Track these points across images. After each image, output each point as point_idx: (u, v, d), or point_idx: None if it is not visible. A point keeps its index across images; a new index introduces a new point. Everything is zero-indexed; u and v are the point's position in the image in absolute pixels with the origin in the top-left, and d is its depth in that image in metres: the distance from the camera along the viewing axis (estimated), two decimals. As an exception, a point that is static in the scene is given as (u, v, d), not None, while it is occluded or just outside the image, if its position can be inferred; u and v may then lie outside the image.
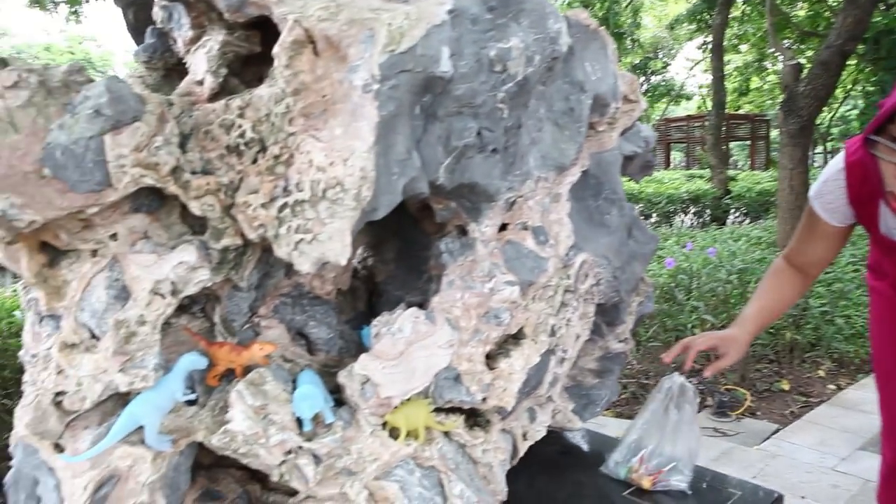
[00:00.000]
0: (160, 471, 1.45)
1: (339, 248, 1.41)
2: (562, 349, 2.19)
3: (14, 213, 1.22)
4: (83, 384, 1.40)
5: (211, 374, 1.60)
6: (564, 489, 2.50)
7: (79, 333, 1.41)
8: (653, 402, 2.58)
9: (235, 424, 1.46)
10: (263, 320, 1.70)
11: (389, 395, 1.58)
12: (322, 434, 1.55)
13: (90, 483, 1.40)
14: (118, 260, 1.43)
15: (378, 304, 2.15)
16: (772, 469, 4.02)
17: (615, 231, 2.37)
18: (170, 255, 1.44)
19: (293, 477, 1.52)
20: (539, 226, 2.00)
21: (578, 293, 2.22)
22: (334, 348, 1.78)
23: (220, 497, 1.79)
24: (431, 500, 1.70)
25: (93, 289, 1.41)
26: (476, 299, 1.81)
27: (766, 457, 4.18)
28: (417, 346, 1.62)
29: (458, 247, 1.82)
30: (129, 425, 1.43)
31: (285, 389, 1.54)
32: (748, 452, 4.29)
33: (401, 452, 1.65)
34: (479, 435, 1.91)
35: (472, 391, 1.80)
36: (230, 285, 1.62)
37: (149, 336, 1.43)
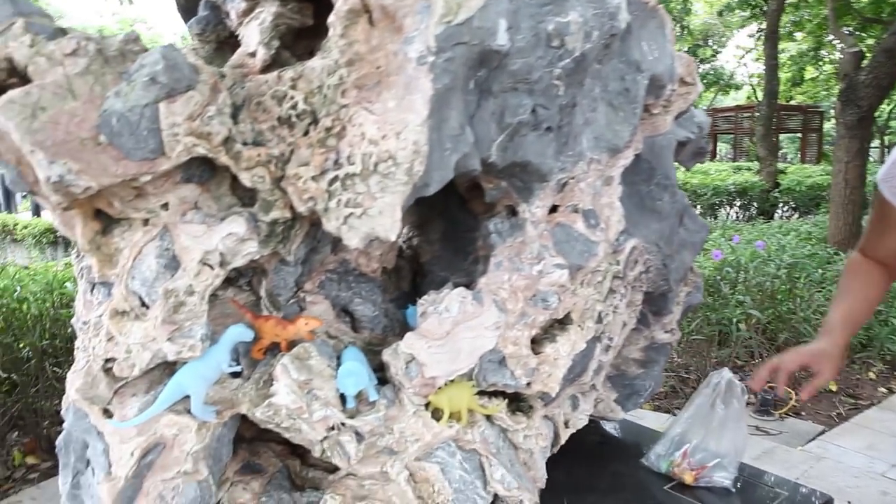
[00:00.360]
0: (204, 441, 1.46)
1: (388, 224, 1.39)
2: (608, 337, 2.16)
3: (71, 179, 1.24)
4: (132, 352, 1.42)
5: (256, 348, 1.61)
6: (603, 479, 2.47)
7: (129, 301, 1.42)
8: (699, 396, 2.53)
9: (279, 398, 1.47)
10: (309, 295, 1.70)
11: (434, 375, 1.57)
12: (365, 412, 1.54)
13: (137, 449, 1.42)
14: (169, 229, 1.44)
15: (422, 284, 2.13)
16: (816, 472, 3.91)
17: (666, 218, 2.31)
18: (219, 227, 1.44)
19: (335, 453, 1.52)
20: (590, 209, 1.96)
21: (627, 280, 2.18)
22: (378, 326, 1.77)
23: (261, 470, 1.81)
24: (472, 484, 1.69)
25: (144, 257, 1.42)
26: (524, 281, 1.79)
27: (811, 458, 4.08)
28: (464, 327, 1.60)
29: (507, 227, 1.79)
30: (175, 394, 1.44)
31: (330, 365, 1.54)
32: (791, 453, 4.18)
33: (443, 434, 1.64)
34: (522, 420, 1.89)
35: (516, 375, 1.78)
36: (277, 259, 1.63)
37: (197, 306, 1.44)
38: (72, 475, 1.61)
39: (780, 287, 4.98)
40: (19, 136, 1.19)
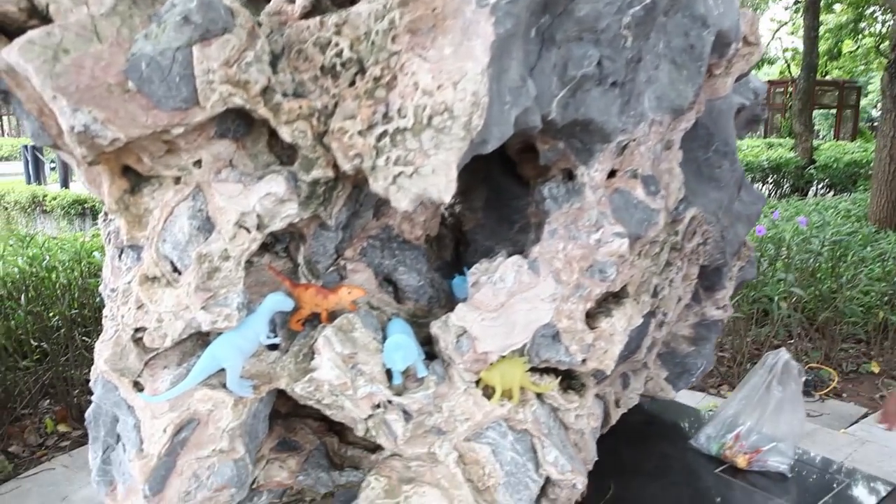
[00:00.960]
0: (241, 417, 1.35)
1: (442, 184, 1.25)
2: (662, 312, 2.01)
3: (97, 129, 1.11)
4: (164, 321, 1.30)
5: (294, 318, 1.49)
6: (650, 461, 2.34)
7: (160, 266, 1.30)
8: (754, 376, 2.38)
9: (322, 373, 1.34)
10: (350, 263, 1.57)
11: (487, 350, 1.44)
12: (413, 388, 1.42)
13: (170, 425, 1.31)
14: (202, 189, 1.32)
15: (465, 253, 2.00)
16: (861, 455, 3.74)
17: (725, 187, 2.15)
18: (256, 186, 1.31)
19: (380, 433, 1.40)
20: (650, 174, 1.80)
21: (684, 252, 2.02)
22: (424, 297, 1.64)
23: (297, 448, 1.70)
24: (524, 466, 1.57)
25: (175, 219, 1.30)
26: (580, 251, 1.64)
27: (855, 442, 3.91)
28: (519, 298, 1.46)
29: (563, 192, 1.64)
30: (210, 367, 1.33)
31: (375, 338, 1.42)
32: (834, 436, 4.02)
33: (494, 413, 1.51)
34: (574, 399, 1.76)
35: (571, 351, 1.64)
36: (317, 223, 1.50)
37: (232, 272, 1.32)
38: (102, 449, 1.51)
39: (821, 265, 4.77)
40: (40, 80, 1.06)
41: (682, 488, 2.18)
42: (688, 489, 2.17)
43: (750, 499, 2.14)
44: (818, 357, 4.78)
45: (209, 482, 1.33)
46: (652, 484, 2.19)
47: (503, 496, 1.50)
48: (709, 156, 2.14)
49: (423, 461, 1.46)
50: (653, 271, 1.89)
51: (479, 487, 1.49)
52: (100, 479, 1.48)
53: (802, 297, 4.56)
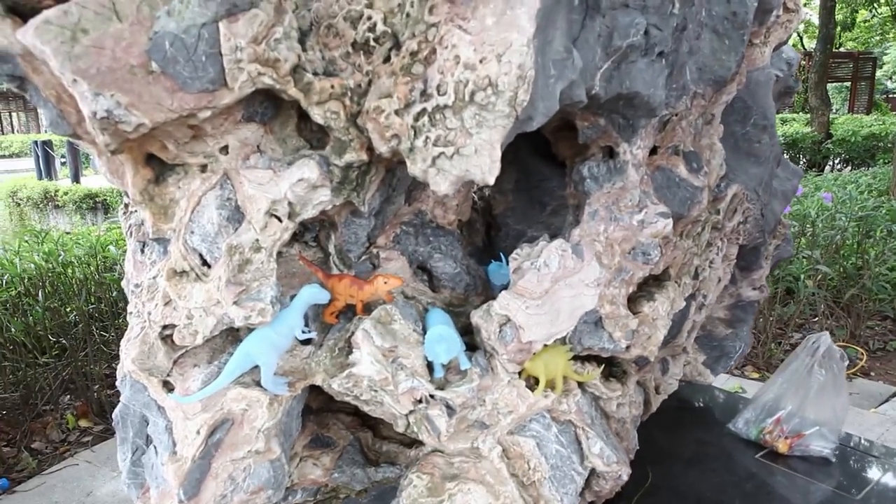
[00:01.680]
0: (276, 416, 1.28)
1: (486, 165, 1.17)
2: (703, 294, 1.92)
3: (121, 114, 1.03)
4: (194, 317, 1.23)
5: (328, 311, 1.41)
6: (688, 448, 2.26)
7: (189, 259, 1.22)
8: (795, 360, 2.29)
9: (362, 368, 1.27)
10: (383, 251, 1.49)
11: (531, 339, 1.36)
12: (455, 382, 1.34)
13: (203, 427, 1.24)
14: (230, 177, 1.23)
15: (497, 238, 1.91)
16: (893, 435, 3.66)
17: (765, 162, 2.05)
18: (287, 172, 1.23)
19: (422, 429, 1.33)
20: (691, 150, 1.71)
21: (724, 231, 1.93)
22: (460, 285, 1.56)
23: (331, 444, 1.63)
24: (569, 459, 1.49)
25: (203, 209, 1.22)
26: (622, 233, 1.55)
27: (887, 421, 3.82)
28: (563, 284, 1.38)
29: (604, 172, 1.55)
30: (243, 365, 1.25)
31: (416, 330, 1.34)
32: (864, 416, 3.93)
33: (538, 405, 1.43)
34: (616, 387, 1.68)
35: (615, 338, 1.56)
36: (349, 210, 1.41)
37: (265, 264, 1.24)
38: (131, 451, 1.45)
39: (845, 242, 4.66)
40: (59, 62, 0.98)
41: (722, 474, 2.10)
42: (728, 475, 2.09)
43: (792, 484, 2.07)
44: (844, 335, 4.69)
45: (245, 485, 1.26)
46: (691, 470, 2.11)
47: (549, 490, 1.43)
48: (747, 130, 2.04)
49: (467, 457, 1.38)
50: (694, 252, 1.80)
51: (524, 482, 1.42)
52: (130, 481, 1.41)
53: (828, 275, 4.46)
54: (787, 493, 1.99)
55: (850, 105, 14.07)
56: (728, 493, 1.99)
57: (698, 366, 2.19)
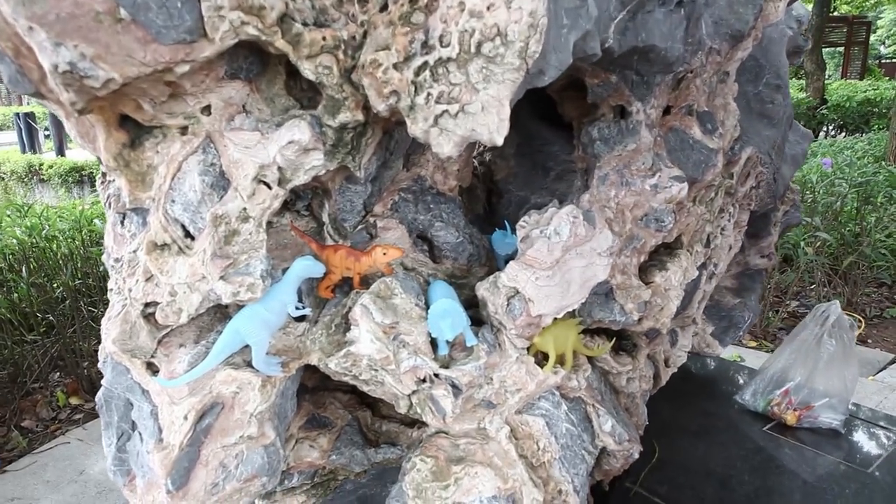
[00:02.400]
0: (269, 399, 1.18)
1: (494, 123, 1.06)
2: (713, 263, 1.83)
3: (86, 68, 0.91)
4: (178, 294, 1.12)
5: (323, 285, 1.31)
6: (694, 420, 2.20)
7: (170, 231, 1.11)
8: (803, 329, 2.21)
9: (361, 346, 1.17)
10: (380, 220, 1.38)
11: (541, 312, 1.26)
12: (460, 359, 1.25)
13: (191, 412, 1.14)
14: (213, 140, 1.12)
15: (498, 205, 1.81)
16: (892, 402, 3.63)
17: (778, 124, 1.94)
18: (276, 134, 1.11)
19: (426, 409, 1.24)
20: (706, 111, 1.60)
21: (737, 197, 1.83)
22: (463, 255, 1.45)
23: (328, 424, 1.54)
24: (579, 438, 1.41)
25: (184, 175, 1.11)
26: (633, 198, 1.45)
27: (885, 389, 3.79)
28: (575, 254, 1.28)
29: (614, 133, 1.44)
30: (232, 344, 1.15)
31: (418, 304, 1.24)
32: (863, 383, 3.89)
33: (547, 382, 1.34)
34: (626, 361, 1.60)
35: (627, 309, 1.47)
36: (343, 176, 1.30)
37: (253, 235, 1.13)
38: (116, 436, 1.35)
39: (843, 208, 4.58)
40: (10, 7, 0.86)
41: (729, 448, 2.03)
42: (736, 448, 2.03)
43: (801, 456, 2.00)
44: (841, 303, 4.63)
45: (238, 472, 1.17)
46: (699, 443, 2.05)
47: (559, 471, 1.35)
48: (759, 90, 1.93)
49: (473, 438, 1.30)
50: (706, 219, 1.70)
51: (532, 463, 1.34)
52: (116, 468, 1.32)
53: (827, 240, 4.39)
54: (796, 467, 1.93)
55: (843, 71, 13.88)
56: (737, 466, 1.92)
57: (706, 337, 2.11)
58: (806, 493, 1.77)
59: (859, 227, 4.64)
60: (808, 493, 1.78)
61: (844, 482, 1.84)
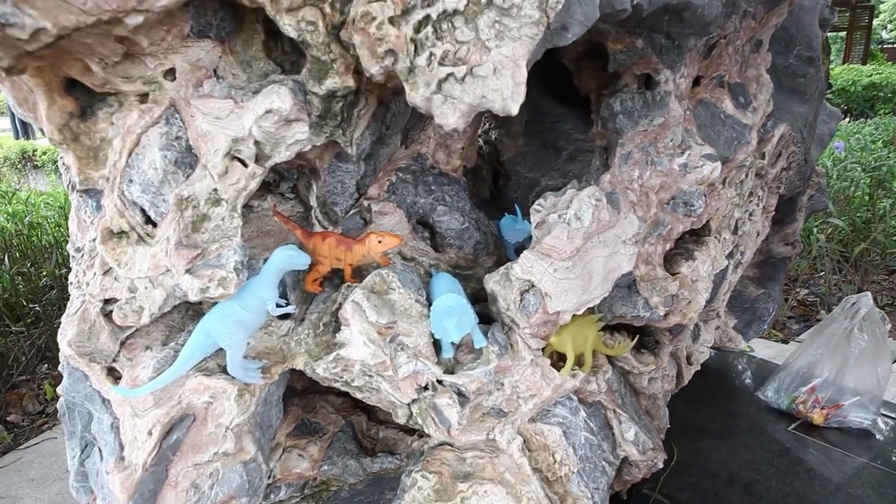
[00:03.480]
0: (248, 409, 1.02)
1: (508, 88, 0.88)
2: (741, 251, 1.67)
3: (9, 14, 0.73)
4: (138, 290, 0.95)
5: (310, 278, 1.14)
6: (714, 419, 2.04)
7: (127, 216, 0.94)
8: (832, 323, 2.05)
9: (353, 350, 1.00)
10: (375, 203, 1.21)
11: (559, 308, 1.09)
12: (468, 363, 1.08)
13: (156, 426, 0.97)
14: (178, 109, 0.94)
15: (506, 188, 1.63)
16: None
17: (810, 99, 1.76)
18: (252, 102, 0.94)
19: (428, 420, 1.07)
20: (738, 82, 1.43)
21: (767, 179, 1.66)
22: (468, 243, 1.28)
23: (319, 431, 1.38)
24: (598, 448, 1.25)
25: (143, 150, 0.93)
26: (660, 179, 1.28)
27: (902, 379, 3.62)
28: (597, 241, 1.11)
29: (639, 105, 1.27)
30: (204, 347, 0.98)
31: (419, 300, 1.07)
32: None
33: (564, 386, 1.18)
34: (649, 360, 1.43)
35: (652, 304, 1.30)
36: (333, 153, 1.13)
37: (226, 221, 0.96)
38: (80, 447, 1.18)
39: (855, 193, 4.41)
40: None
41: (753, 450, 1.88)
42: (761, 450, 1.87)
43: (829, 458, 1.85)
44: (852, 290, 4.47)
45: (213, 493, 1.00)
46: (720, 445, 1.89)
47: (577, 486, 1.19)
48: (790, 62, 1.75)
49: (481, 451, 1.13)
50: (735, 203, 1.53)
51: (548, 478, 1.17)
52: (79, 485, 1.15)
53: (839, 227, 4.23)
54: (826, 470, 1.77)
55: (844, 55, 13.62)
56: (762, 470, 1.77)
57: (728, 331, 1.94)
58: (840, 501, 1.62)
59: (871, 213, 4.46)
60: (843, 500, 1.62)
61: (880, 487, 1.68)
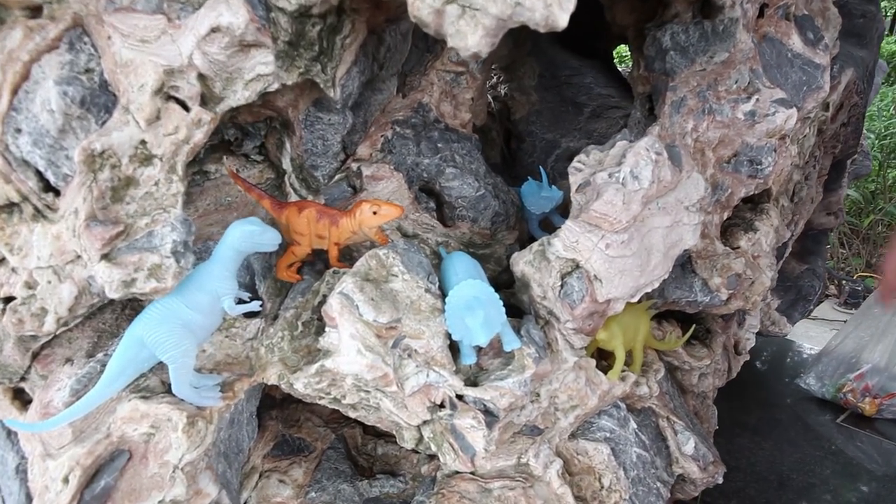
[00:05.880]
0: (203, 441, 0.75)
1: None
2: (795, 220, 1.41)
3: None
4: (39, 285, 0.67)
5: (284, 262, 0.86)
6: (752, 413, 1.79)
7: (15, 181, 0.66)
8: (876, 304, 1.82)
9: (343, 360, 0.73)
10: (366, 166, 0.93)
11: (612, 296, 0.82)
12: (495, 370, 0.81)
13: (75, 469, 0.70)
14: (86, 28, 0.66)
15: (519, 151, 1.36)
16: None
17: (869, 43, 1.51)
18: (192, 19, 0.66)
19: (444, 446, 0.81)
20: (805, 14, 1.16)
21: (826, 136, 1.41)
22: (485, 214, 1.00)
23: (304, 449, 1.11)
24: (652, 466, 0.99)
25: (35, 87, 0.65)
26: (719, 131, 1.02)
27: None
28: (656, 208, 0.84)
29: (695, 38, 1.00)
30: (137, 362, 0.70)
31: (429, 289, 0.79)
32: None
33: (613, 392, 0.92)
34: (703, 353, 1.18)
35: (712, 286, 1.04)
36: (310, 99, 0.85)
37: (162, 186, 0.68)
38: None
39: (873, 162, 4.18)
40: None
41: (802, 447, 1.63)
42: (810, 448, 1.63)
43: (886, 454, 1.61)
44: (860, 264, 4.26)
45: (160, 556, 0.73)
46: (763, 442, 1.64)
47: (628, 515, 0.93)
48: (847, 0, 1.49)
49: (512, 479, 0.87)
50: (796, 163, 1.27)
51: (594, 507, 0.92)
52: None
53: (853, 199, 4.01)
54: (886, 469, 1.53)
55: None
56: (816, 472, 1.53)
57: (772, 313, 1.69)
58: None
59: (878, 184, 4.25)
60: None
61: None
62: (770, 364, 2.06)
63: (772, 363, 2.07)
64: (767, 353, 2.13)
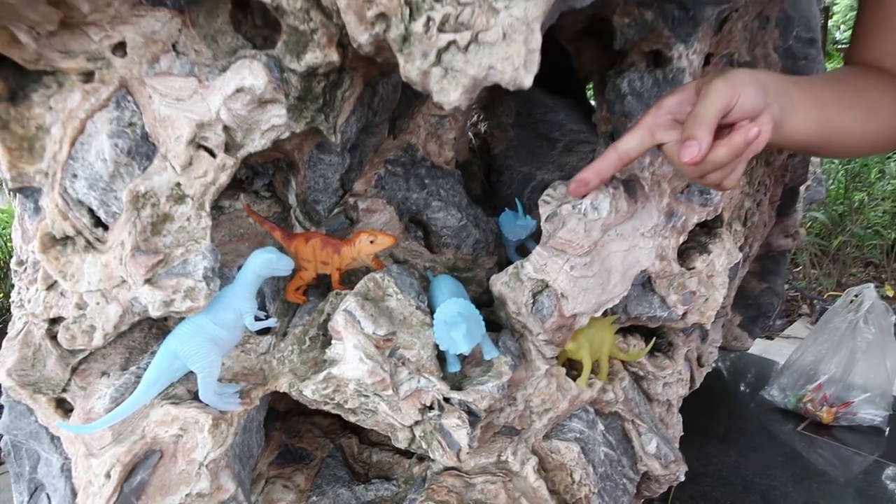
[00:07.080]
0: (225, 441, 0.87)
1: (520, 57, 0.75)
2: (749, 244, 1.56)
3: None
4: (88, 306, 0.80)
5: (292, 286, 0.99)
6: (719, 423, 1.93)
7: (72, 218, 0.79)
8: (834, 317, 1.97)
9: (347, 368, 0.86)
10: (362, 200, 1.07)
11: (577, 310, 0.96)
12: (477, 377, 0.94)
13: (116, 466, 0.82)
14: (131, 90, 0.79)
15: (498, 183, 1.50)
16: (892, 385, 3.42)
17: (812, 83, 1.67)
18: (220, 80, 0.79)
19: (433, 444, 0.93)
20: (747, 60, 1.32)
21: (774, 167, 1.57)
22: (467, 241, 1.14)
23: (305, 457, 1.23)
24: (618, 464, 1.12)
25: (89, 139, 0.78)
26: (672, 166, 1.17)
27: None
28: (615, 234, 0.99)
29: (649, 85, 1.15)
30: (170, 372, 0.83)
31: (419, 307, 0.93)
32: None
33: (582, 397, 1.05)
34: (665, 364, 1.31)
35: (669, 302, 1.18)
36: (314, 143, 0.99)
37: (193, 221, 0.81)
38: (29, 493, 1.02)
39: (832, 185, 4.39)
40: None
41: (764, 453, 1.77)
42: (772, 453, 1.77)
43: (841, 459, 1.75)
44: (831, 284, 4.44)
45: (186, 542, 0.85)
46: (729, 450, 1.78)
47: (598, 508, 1.06)
48: (790, 44, 1.66)
49: (493, 474, 0.99)
50: (745, 192, 1.43)
51: (567, 501, 1.04)
52: (26, 535, 0.99)
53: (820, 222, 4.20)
54: (840, 472, 1.67)
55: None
56: (777, 475, 1.66)
57: (734, 329, 1.84)
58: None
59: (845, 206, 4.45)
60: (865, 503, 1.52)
61: None
62: (738, 378, 2.20)
63: (740, 377, 2.21)
64: (737, 368, 2.27)
